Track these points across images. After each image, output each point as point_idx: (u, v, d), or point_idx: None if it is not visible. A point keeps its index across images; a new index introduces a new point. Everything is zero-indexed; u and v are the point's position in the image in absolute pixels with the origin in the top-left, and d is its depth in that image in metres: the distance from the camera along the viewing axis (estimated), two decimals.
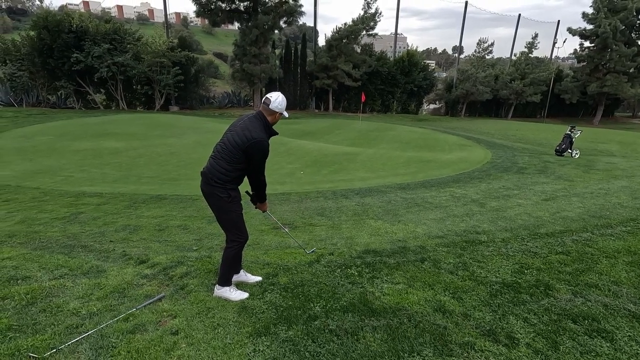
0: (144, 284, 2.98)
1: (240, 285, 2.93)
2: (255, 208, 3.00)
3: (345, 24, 27.66)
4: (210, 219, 4.94)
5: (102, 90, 23.81)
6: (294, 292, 2.81)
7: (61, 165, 8.59)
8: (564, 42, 44.61)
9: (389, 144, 14.59)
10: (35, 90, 22.27)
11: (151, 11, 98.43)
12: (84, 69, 20.74)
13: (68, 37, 20.31)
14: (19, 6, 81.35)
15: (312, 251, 3.71)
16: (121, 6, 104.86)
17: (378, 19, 27.77)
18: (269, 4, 24.09)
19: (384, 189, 6.99)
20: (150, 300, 2.65)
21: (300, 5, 24.69)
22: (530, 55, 35.34)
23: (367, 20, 27.50)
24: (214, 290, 2.79)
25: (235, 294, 2.73)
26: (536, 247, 3.74)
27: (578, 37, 34.33)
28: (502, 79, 33.66)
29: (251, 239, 4.12)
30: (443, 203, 5.80)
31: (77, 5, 78.54)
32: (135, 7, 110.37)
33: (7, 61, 21.57)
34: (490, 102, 34.88)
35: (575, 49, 36.01)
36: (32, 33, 20.78)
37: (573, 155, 12.30)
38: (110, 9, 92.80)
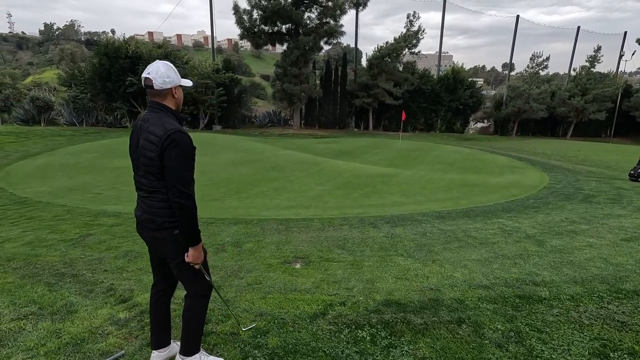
0: (111, 332, 2.50)
1: None
2: (186, 260, 1.90)
3: (387, 42, 27.27)
4: (217, 248, 4.46)
5: None
6: None
7: (95, 183, 8.76)
8: (633, 54, 40.25)
9: (430, 164, 13.55)
10: (95, 111, 24.24)
11: (206, 38, 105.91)
12: (137, 90, 22.23)
13: (124, 62, 21.95)
14: (95, 38, 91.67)
15: (250, 328, 2.55)
16: (180, 35, 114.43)
17: (421, 37, 27.03)
18: (310, 26, 24.43)
19: (420, 217, 6.14)
20: None
21: (341, 26, 24.80)
22: (592, 69, 32.32)
23: (410, 38, 26.88)
24: None
25: None
26: (622, 312, 2.75)
27: None
28: (560, 95, 30.96)
29: (253, 277, 3.56)
30: (490, 239, 4.85)
31: (143, 35, 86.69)
32: (192, 35, 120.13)
33: (72, 85, 23.77)
34: (546, 120, 32.14)
35: None
36: (94, 60, 22.80)
37: None
38: (170, 37, 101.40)
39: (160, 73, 1.86)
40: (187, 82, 1.99)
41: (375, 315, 2.75)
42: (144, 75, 1.88)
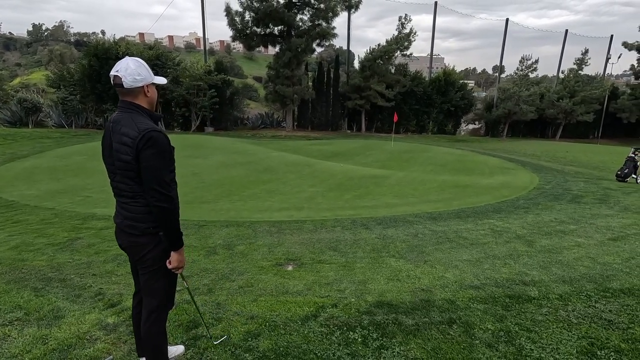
0: (99, 338, 2.46)
1: None
2: (170, 266, 1.85)
3: (379, 44, 27.44)
4: (209, 251, 4.43)
5: None
6: None
7: (84, 185, 8.63)
8: (619, 57, 41.12)
9: (422, 166, 13.64)
10: (84, 113, 23.90)
11: (198, 40, 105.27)
12: None
13: (115, 64, 21.73)
14: (85, 39, 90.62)
15: (221, 340, 2.42)
16: (172, 36, 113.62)
17: (412, 39, 27.24)
18: (303, 28, 24.46)
19: (412, 218, 6.17)
20: None
21: (333, 28, 24.86)
22: (580, 72, 32.94)
23: (401, 40, 27.06)
24: None
25: None
26: (609, 310, 2.80)
27: (635, 52, 31.66)
28: (549, 97, 31.47)
29: (245, 280, 3.54)
30: (481, 239, 4.90)
31: (134, 36, 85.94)
32: (184, 37, 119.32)
33: (61, 86, 23.43)
34: (535, 122, 32.62)
35: (632, 65, 33.23)
36: (84, 61, 22.51)
37: (638, 181, 10.71)
38: (162, 39, 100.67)
39: (130, 70, 1.72)
40: (161, 80, 1.85)
41: (366, 317, 2.76)
42: (112, 73, 1.72)
